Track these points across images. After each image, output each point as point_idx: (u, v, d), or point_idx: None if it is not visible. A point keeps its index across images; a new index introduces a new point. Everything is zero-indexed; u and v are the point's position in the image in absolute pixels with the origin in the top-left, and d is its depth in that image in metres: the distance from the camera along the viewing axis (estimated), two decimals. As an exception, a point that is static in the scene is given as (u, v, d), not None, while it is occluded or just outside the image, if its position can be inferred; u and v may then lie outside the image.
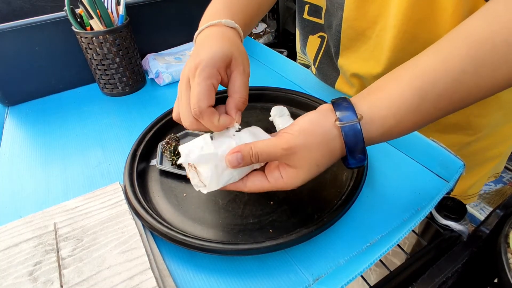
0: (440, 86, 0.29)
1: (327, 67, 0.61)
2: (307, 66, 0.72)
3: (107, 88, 0.65)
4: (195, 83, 0.33)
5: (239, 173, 0.34)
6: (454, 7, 0.39)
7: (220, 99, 0.37)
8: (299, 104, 0.55)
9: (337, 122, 0.30)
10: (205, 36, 0.38)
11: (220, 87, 0.36)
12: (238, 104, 0.35)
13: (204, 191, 0.34)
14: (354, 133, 0.30)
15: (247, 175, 0.34)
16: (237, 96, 0.35)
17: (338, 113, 0.30)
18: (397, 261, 1.02)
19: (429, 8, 0.41)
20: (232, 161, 0.32)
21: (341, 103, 0.31)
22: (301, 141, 0.30)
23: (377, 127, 0.30)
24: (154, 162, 0.45)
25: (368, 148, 0.45)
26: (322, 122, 0.31)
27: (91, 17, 0.58)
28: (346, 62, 0.54)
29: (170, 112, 0.52)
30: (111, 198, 0.40)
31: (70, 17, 0.56)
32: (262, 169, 0.35)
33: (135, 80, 0.66)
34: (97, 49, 0.59)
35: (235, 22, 0.39)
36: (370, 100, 0.31)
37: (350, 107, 0.30)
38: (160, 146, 0.47)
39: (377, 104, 0.30)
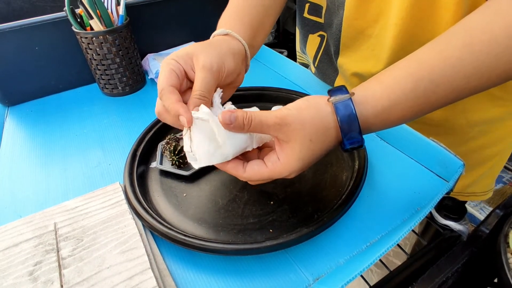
0: (436, 71, 0.29)
1: (327, 66, 0.61)
2: (307, 66, 0.72)
3: (107, 88, 0.65)
4: (160, 72, 0.36)
5: (232, 151, 0.33)
6: (455, 6, 0.39)
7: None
8: (299, 104, 0.55)
9: (330, 99, 0.31)
10: None
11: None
12: (193, 100, 0.35)
13: (196, 166, 0.34)
14: (345, 107, 0.30)
15: (246, 161, 0.34)
16: (193, 93, 0.35)
17: (331, 94, 0.32)
18: (397, 261, 1.02)
19: (430, 7, 0.41)
20: (225, 117, 0.31)
21: (335, 88, 0.32)
22: (294, 113, 0.31)
23: (371, 107, 0.31)
24: (154, 164, 0.45)
25: (368, 148, 0.46)
26: (316, 100, 0.32)
27: (91, 17, 0.58)
28: (346, 61, 0.54)
29: (170, 112, 0.52)
30: (111, 198, 0.40)
31: (70, 17, 0.56)
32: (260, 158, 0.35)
33: (135, 80, 0.66)
34: (97, 49, 0.59)
35: (231, 29, 0.41)
36: (364, 85, 0.32)
37: (343, 89, 0.32)
38: (160, 146, 0.47)
39: (370, 87, 0.32)
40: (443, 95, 0.30)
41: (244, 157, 0.36)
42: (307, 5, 0.58)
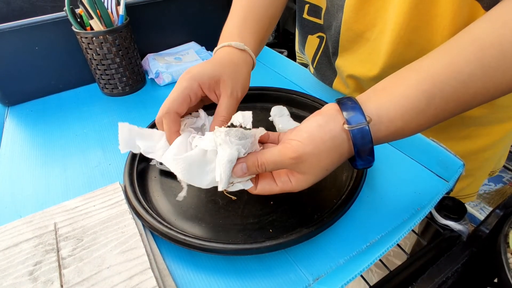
0: (447, 89, 0.28)
1: (325, 67, 0.61)
2: (306, 65, 0.72)
3: (107, 88, 0.65)
4: (173, 89, 0.35)
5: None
6: (453, 14, 0.39)
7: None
8: (299, 104, 0.55)
9: (346, 126, 0.29)
10: (217, 56, 0.41)
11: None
12: (218, 124, 0.36)
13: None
14: (362, 136, 0.29)
15: (257, 178, 0.34)
16: (218, 118, 0.36)
17: (345, 114, 0.30)
18: (397, 261, 1.02)
19: (427, 14, 0.41)
20: (237, 171, 0.32)
21: (347, 102, 0.31)
22: (310, 149, 0.30)
23: (384, 128, 0.30)
24: (154, 162, 0.45)
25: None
26: (330, 126, 0.30)
27: (91, 17, 0.58)
28: (344, 63, 0.54)
29: (170, 112, 0.52)
30: (111, 198, 0.40)
31: (70, 17, 0.56)
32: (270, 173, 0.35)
33: (135, 80, 0.66)
34: (97, 49, 0.59)
35: (246, 43, 0.41)
36: (376, 100, 0.31)
37: (357, 108, 0.30)
38: (160, 146, 0.46)
39: (384, 105, 0.30)
40: (451, 111, 0.30)
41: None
42: (306, 6, 0.58)
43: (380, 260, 0.32)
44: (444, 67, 0.29)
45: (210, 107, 0.41)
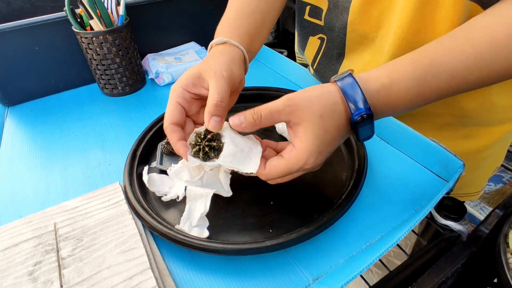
0: (438, 59, 0.31)
1: (325, 69, 0.61)
2: (306, 65, 0.72)
3: (107, 88, 0.65)
4: (167, 104, 0.36)
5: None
6: (455, 18, 0.40)
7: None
8: (299, 104, 0.55)
9: (331, 78, 0.33)
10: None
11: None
12: (209, 109, 0.34)
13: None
14: (345, 78, 0.32)
15: (263, 159, 0.34)
16: (211, 102, 0.34)
17: (335, 79, 0.33)
18: (397, 261, 1.02)
19: (430, 18, 0.41)
20: (234, 121, 0.33)
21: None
22: (301, 94, 0.32)
23: (371, 81, 0.32)
24: (153, 164, 0.45)
25: (368, 148, 0.46)
26: (322, 85, 0.34)
27: (91, 17, 0.58)
28: (350, 65, 0.54)
29: (170, 112, 0.52)
30: (111, 198, 0.40)
31: (70, 17, 0.56)
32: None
33: (135, 80, 0.66)
34: (97, 49, 0.59)
35: (232, 38, 0.41)
36: (369, 71, 0.34)
37: (345, 72, 0.33)
38: (160, 146, 0.47)
39: (371, 70, 0.34)
40: (444, 81, 0.31)
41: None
42: (307, 7, 0.58)
43: (380, 260, 0.32)
44: (436, 45, 0.32)
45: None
